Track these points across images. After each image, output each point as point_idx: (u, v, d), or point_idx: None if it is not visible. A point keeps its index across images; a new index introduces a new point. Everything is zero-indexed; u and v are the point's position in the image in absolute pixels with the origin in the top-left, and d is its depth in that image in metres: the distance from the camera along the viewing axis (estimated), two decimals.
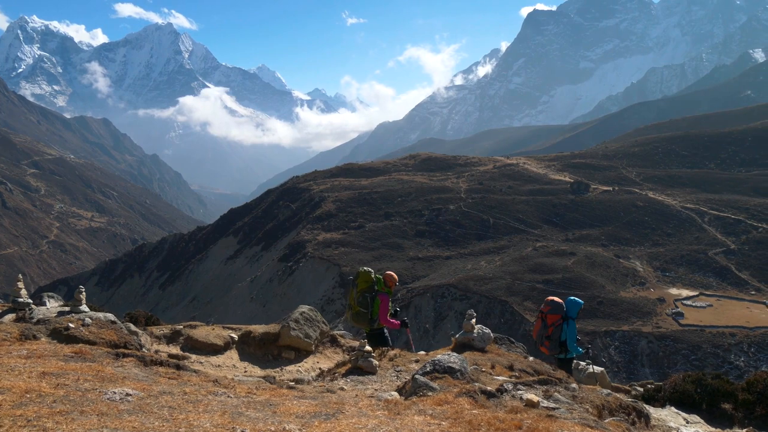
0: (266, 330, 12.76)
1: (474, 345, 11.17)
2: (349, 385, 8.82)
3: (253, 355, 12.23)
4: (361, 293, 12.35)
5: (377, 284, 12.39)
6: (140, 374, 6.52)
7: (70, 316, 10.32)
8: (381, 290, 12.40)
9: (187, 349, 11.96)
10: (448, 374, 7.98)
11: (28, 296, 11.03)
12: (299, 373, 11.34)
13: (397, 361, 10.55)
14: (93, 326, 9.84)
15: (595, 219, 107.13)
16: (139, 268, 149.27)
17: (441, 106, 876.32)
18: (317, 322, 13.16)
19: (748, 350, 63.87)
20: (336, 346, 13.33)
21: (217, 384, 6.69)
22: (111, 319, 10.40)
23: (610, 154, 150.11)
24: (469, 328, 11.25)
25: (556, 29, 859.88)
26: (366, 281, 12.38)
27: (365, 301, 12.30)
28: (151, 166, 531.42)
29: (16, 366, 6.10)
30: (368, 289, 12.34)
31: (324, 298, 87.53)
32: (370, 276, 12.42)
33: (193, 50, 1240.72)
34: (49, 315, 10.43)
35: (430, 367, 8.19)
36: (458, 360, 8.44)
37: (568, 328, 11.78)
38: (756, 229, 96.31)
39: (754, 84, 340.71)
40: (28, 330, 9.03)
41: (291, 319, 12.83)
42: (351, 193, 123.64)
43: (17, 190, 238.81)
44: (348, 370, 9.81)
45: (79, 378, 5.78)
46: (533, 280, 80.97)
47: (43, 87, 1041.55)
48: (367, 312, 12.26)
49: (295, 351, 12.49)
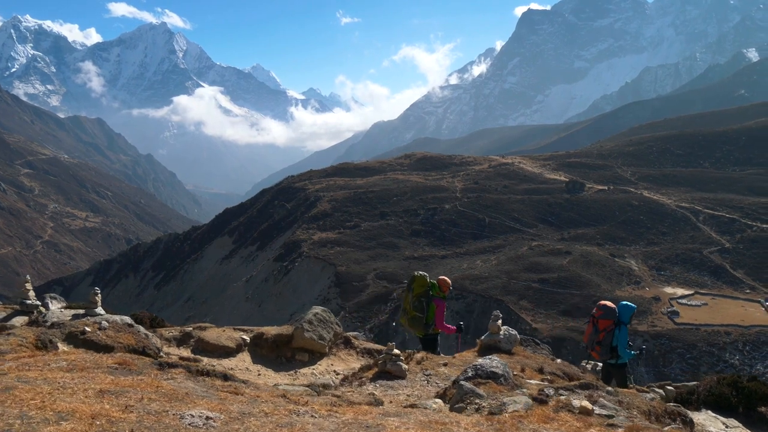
0: (279, 332, 12.53)
1: (500, 347, 11.00)
2: (379, 391, 8.62)
3: (265, 358, 12.01)
4: (416, 297, 12.28)
5: (432, 289, 12.35)
6: (198, 389, 6.10)
7: (86, 319, 10.03)
8: (436, 295, 12.36)
9: (198, 351, 11.73)
10: (492, 380, 7.76)
11: (35, 298, 10.79)
12: (314, 376, 11.04)
13: (425, 364, 10.28)
14: (110, 330, 9.58)
15: (591, 218, 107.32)
16: (134, 268, 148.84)
17: (436, 106, 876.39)
18: (331, 323, 12.93)
19: (743, 349, 64.07)
20: (350, 348, 13.09)
21: (288, 400, 6.29)
22: (128, 321, 10.12)
23: (605, 153, 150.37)
24: (495, 329, 11.11)
25: (550, 29, 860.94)
26: (421, 285, 12.33)
27: (421, 305, 12.22)
28: (145, 165, 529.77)
29: (65, 382, 5.60)
30: (423, 293, 12.28)
31: (320, 298, 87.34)
32: (426, 280, 12.38)
33: (188, 50, 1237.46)
34: (64, 318, 10.14)
35: (472, 372, 7.94)
36: (500, 364, 8.22)
37: (619, 333, 11.57)
38: (750, 228, 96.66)
39: (748, 83, 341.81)
40: (43, 335, 8.74)
41: (304, 320, 12.59)
42: (346, 193, 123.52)
43: (11, 190, 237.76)
44: (375, 375, 9.56)
45: (142, 397, 5.29)
46: (529, 280, 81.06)
47: (36, 86, 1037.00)
48: (422, 316, 12.19)
49: (309, 353, 12.26)
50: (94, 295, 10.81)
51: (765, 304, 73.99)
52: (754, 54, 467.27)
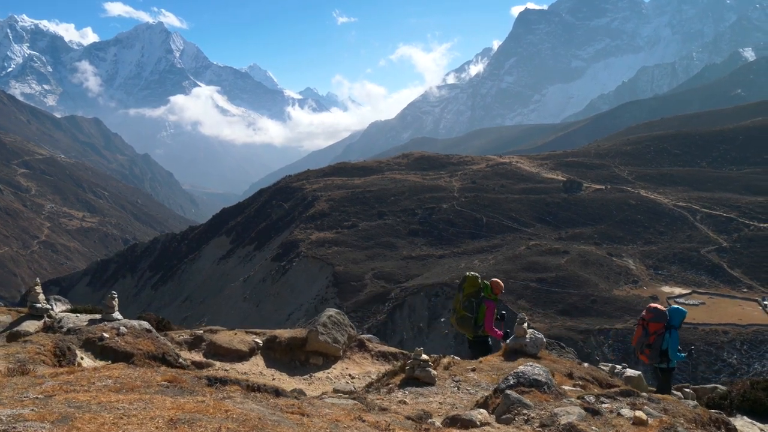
0: (293, 335, 12.34)
1: (526, 351, 10.70)
2: (409, 398, 8.34)
3: (279, 361, 11.85)
4: (467, 297, 12.13)
5: (484, 290, 12.19)
6: (266, 412, 5.66)
7: (103, 324, 9.82)
8: (488, 297, 12.20)
9: (210, 355, 11.56)
10: (535, 388, 7.44)
11: (46, 301, 10.55)
12: (329, 381, 10.76)
13: (453, 369, 9.98)
14: (128, 335, 9.38)
15: (588, 217, 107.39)
16: (131, 268, 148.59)
17: (433, 105, 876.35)
18: (345, 325, 12.73)
19: (741, 348, 64.14)
20: (364, 351, 12.92)
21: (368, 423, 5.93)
22: (146, 327, 9.93)
23: (602, 152, 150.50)
24: (521, 332, 10.82)
25: (547, 28, 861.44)
26: (473, 286, 12.16)
27: (471, 306, 12.08)
28: (142, 165, 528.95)
29: (125, 408, 5.15)
30: (474, 294, 12.13)
31: (318, 298, 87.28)
32: (478, 281, 12.19)
33: (184, 49, 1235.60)
34: (80, 323, 9.91)
35: (514, 380, 7.60)
36: (543, 371, 7.88)
37: (670, 337, 11.36)
38: (747, 227, 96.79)
39: (744, 82, 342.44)
40: (61, 342, 8.51)
41: (318, 323, 12.37)
42: (344, 193, 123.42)
43: (7, 190, 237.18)
44: (403, 381, 9.22)
45: (219, 427, 4.85)
46: (527, 279, 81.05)
47: (33, 86, 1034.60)
48: (472, 317, 12.06)
49: (323, 356, 12.07)
50: (111, 299, 10.46)
51: (763, 303, 74.07)
52: (750, 53, 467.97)
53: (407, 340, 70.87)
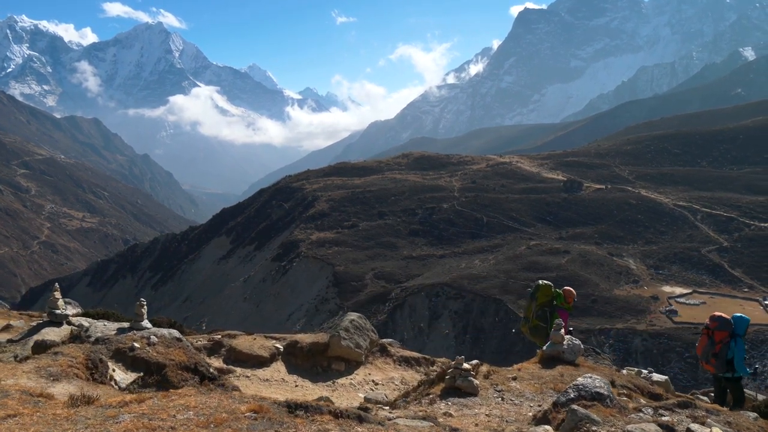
0: (314, 340, 12.15)
1: (564, 358, 10.36)
2: (453, 410, 8.06)
3: (300, 367, 11.67)
4: (540, 307, 11.97)
5: (557, 299, 12.04)
6: None
7: (132, 333, 9.49)
8: (561, 305, 12.04)
9: (231, 361, 11.37)
10: (598, 401, 7.02)
11: (65, 308, 10.28)
12: (353, 387, 10.47)
13: (493, 378, 9.58)
14: (159, 345, 9.07)
15: (589, 217, 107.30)
16: (132, 269, 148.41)
17: (433, 105, 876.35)
18: (366, 330, 12.53)
19: None
20: (386, 356, 12.70)
21: None
22: (176, 335, 9.63)
23: (603, 152, 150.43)
24: (559, 339, 10.52)
25: (547, 28, 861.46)
26: (546, 295, 12.02)
27: (544, 315, 11.92)
28: (142, 165, 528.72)
29: None
30: (548, 303, 11.98)
31: (318, 298, 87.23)
32: (551, 290, 12.08)
33: (184, 49, 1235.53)
34: (108, 333, 9.58)
35: (575, 393, 7.17)
36: (604, 384, 7.47)
37: (735, 346, 11.16)
38: (748, 227, 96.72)
39: (744, 82, 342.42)
40: (93, 354, 8.20)
41: (341, 327, 12.19)
42: (344, 193, 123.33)
43: (7, 191, 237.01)
44: (444, 391, 8.88)
45: None
46: (527, 279, 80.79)
47: (32, 87, 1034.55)
48: (545, 327, 11.85)
49: (345, 362, 11.88)
50: (140, 306, 10.10)
51: (764, 303, 74.00)
52: (750, 53, 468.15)
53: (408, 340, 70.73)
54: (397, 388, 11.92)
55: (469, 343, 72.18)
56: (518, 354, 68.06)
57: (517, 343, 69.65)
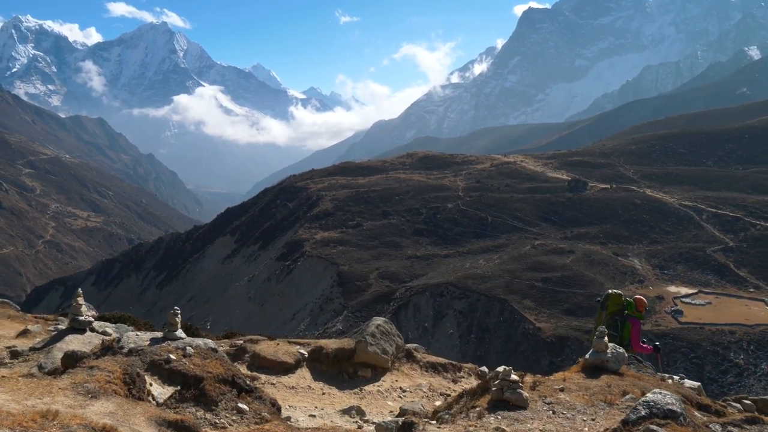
0: (340, 346, 11.95)
1: (608, 367, 9.97)
2: (504, 424, 7.74)
3: (326, 374, 11.46)
4: (611, 316, 11.85)
5: (628, 308, 11.92)
6: None
7: (167, 344, 9.13)
8: (632, 314, 11.92)
9: (255, 368, 11.08)
10: (671, 419, 6.64)
11: (88, 313, 9.99)
12: (381, 395, 10.07)
13: (540, 389, 9.14)
14: (196, 357, 8.69)
15: (593, 217, 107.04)
16: (136, 268, 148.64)
17: (437, 105, 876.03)
18: (393, 335, 12.22)
19: (748, 348, 63.78)
20: (412, 362, 12.42)
21: None
22: (211, 346, 9.30)
23: (608, 151, 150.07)
24: (602, 347, 10.14)
25: (551, 27, 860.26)
26: (617, 304, 11.91)
27: (615, 324, 11.79)
28: (146, 165, 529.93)
29: None
30: (619, 312, 11.86)
31: (323, 297, 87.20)
32: (621, 299, 11.94)
33: (188, 49, 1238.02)
34: (141, 343, 9.20)
35: (646, 411, 6.77)
36: (675, 400, 7.10)
37: None
38: (754, 227, 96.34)
39: (749, 81, 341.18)
40: (130, 368, 7.82)
41: (367, 333, 11.91)
42: (348, 192, 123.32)
43: (13, 190, 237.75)
44: (491, 403, 8.46)
45: None
46: (532, 279, 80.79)
47: (37, 86, 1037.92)
48: (617, 336, 11.72)
49: (371, 368, 11.65)
50: (174, 315, 9.77)
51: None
52: (755, 52, 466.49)
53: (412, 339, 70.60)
54: (425, 396, 11.72)
55: (473, 343, 72.08)
56: (523, 354, 67.97)
57: (522, 342, 69.57)
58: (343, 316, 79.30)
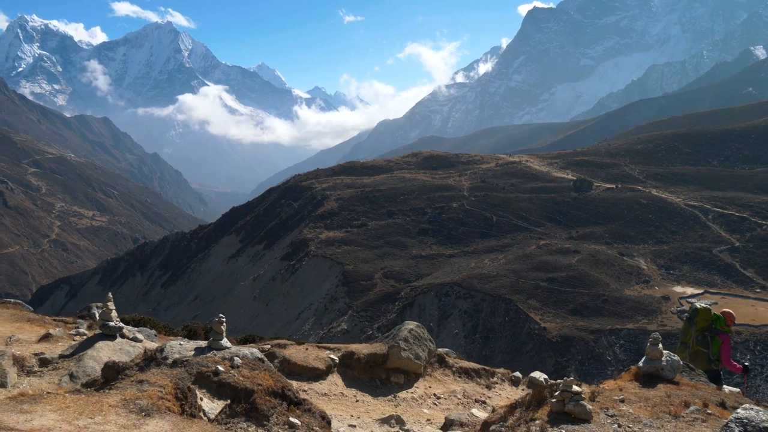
0: (372, 351, 11.67)
1: (663, 375, 9.63)
2: None
3: (358, 380, 11.21)
4: (700, 332, 11.65)
5: (717, 323, 11.70)
6: None
7: (212, 354, 8.63)
8: (721, 329, 11.69)
9: (285, 374, 10.68)
10: None
11: (119, 319, 9.66)
12: (415, 402, 9.64)
13: (600, 400, 8.68)
14: (244, 368, 8.27)
15: (599, 217, 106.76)
16: (141, 267, 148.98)
17: (442, 104, 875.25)
18: (425, 340, 11.95)
19: (755, 348, 63.47)
20: (445, 367, 12.18)
21: None
22: (258, 356, 8.80)
23: (613, 151, 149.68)
24: (657, 355, 9.81)
25: (556, 27, 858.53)
26: (706, 319, 11.69)
27: (705, 340, 11.60)
28: (151, 164, 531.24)
29: None
30: (708, 327, 11.65)
31: (327, 297, 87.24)
32: (710, 314, 11.70)
33: (193, 49, 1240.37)
34: (186, 353, 8.62)
35: (739, 429, 6.21)
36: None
37: None
38: (760, 227, 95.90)
39: (755, 81, 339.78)
40: (181, 382, 7.42)
41: (399, 338, 11.66)
42: (353, 192, 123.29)
43: (18, 189, 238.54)
44: (551, 416, 8.07)
45: None
46: (537, 278, 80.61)
47: (43, 86, 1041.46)
48: (707, 352, 11.55)
49: (404, 374, 11.40)
50: (219, 323, 9.19)
51: None
52: (761, 51, 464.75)
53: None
54: (460, 402, 11.49)
55: (479, 343, 71.95)
56: (528, 354, 67.82)
57: (527, 342, 69.39)
58: (348, 316, 79.31)
